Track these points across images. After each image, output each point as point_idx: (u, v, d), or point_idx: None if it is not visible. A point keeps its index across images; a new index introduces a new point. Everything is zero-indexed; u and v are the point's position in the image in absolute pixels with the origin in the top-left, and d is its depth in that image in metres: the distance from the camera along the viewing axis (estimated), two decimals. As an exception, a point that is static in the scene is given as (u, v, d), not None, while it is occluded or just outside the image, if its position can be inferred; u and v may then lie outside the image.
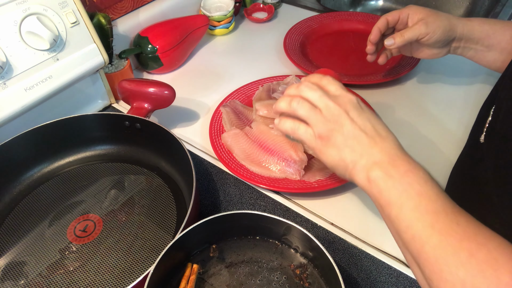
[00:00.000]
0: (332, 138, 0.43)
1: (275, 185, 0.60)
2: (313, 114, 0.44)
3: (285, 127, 0.47)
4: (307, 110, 0.45)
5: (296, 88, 0.47)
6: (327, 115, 0.44)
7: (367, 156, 0.41)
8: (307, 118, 0.45)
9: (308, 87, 0.46)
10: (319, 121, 0.44)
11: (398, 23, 0.67)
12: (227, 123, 0.70)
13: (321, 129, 0.44)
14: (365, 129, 0.43)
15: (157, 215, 0.57)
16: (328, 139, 0.44)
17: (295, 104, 0.45)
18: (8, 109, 0.59)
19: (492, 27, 0.62)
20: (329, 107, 0.44)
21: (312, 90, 0.45)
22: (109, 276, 0.51)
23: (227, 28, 0.98)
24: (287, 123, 0.47)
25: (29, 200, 0.60)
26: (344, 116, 0.43)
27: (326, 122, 0.44)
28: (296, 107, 0.45)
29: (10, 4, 0.57)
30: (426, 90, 0.80)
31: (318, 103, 0.45)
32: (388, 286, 0.50)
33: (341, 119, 0.43)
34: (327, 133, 0.44)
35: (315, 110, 0.44)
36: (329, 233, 0.56)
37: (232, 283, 0.48)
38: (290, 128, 0.47)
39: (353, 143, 0.42)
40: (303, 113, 0.45)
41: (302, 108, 0.45)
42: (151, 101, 0.67)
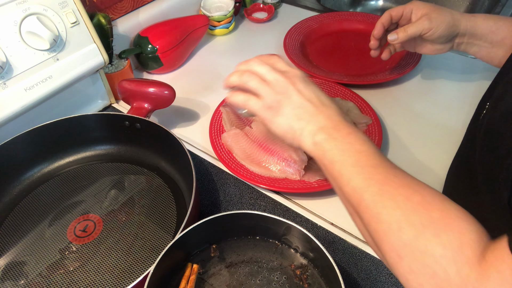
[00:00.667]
0: (281, 108, 0.47)
1: (275, 185, 0.60)
2: (262, 87, 0.48)
3: (237, 100, 0.50)
4: (257, 82, 0.48)
5: (246, 63, 0.50)
6: (276, 87, 0.47)
7: (313, 123, 0.45)
8: (257, 90, 0.48)
9: (257, 63, 0.49)
10: (268, 92, 0.47)
11: (402, 19, 0.68)
12: (227, 123, 0.70)
13: (270, 100, 0.47)
14: (311, 99, 0.46)
15: (157, 215, 0.57)
16: (277, 109, 0.47)
17: (246, 77, 0.49)
18: (8, 109, 0.59)
19: (496, 23, 0.62)
20: (278, 80, 0.47)
21: (262, 65, 0.49)
22: (109, 276, 0.51)
23: (227, 28, 0.98)
24: (239, 96, 0.50)
25: (29, 200, 0.60)
26: (292, 87, 0.47)
27: (275, 94, 0.47)
28: (247, 80, 0.49)
29: (10, 4, 0.57)
30: (426, 89, 0.80)
31: (267, 76, 0.48)
32: (388, 286, 0.50)
33: (289, 90, 0.47)
34: (276, 104, 0.47)
35: (265, 83, 0.48)
36: (329, 233, 0.56)
37: (232, 283, 0.48)
38: (241, 100, 0.50)
39: (300, 112, 0.46)
40: (253, 85, 0.48)
41: (252, 81, 0.48)
42: (151, 101, 0.67)
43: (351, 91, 0.76)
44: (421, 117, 0.74)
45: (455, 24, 0.63)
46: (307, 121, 0.45)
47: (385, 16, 0.68)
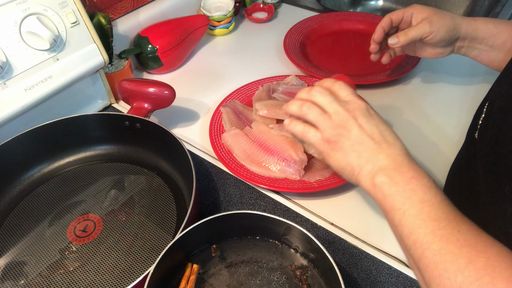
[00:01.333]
0: (339, 143, 0.44)
1: (275, 185, 0.60)
2: (322, 119, 0.45)
3: (295, 130, 0.48)
4: (317, 115, 0.46)
5: (308, 92, 0.48)
6: (336, 120, 0.45)
7: (373, 162, 0.42)
8: (317, 123, 0.46)
9: (319, 92, 0.47)
10: (327, 126, 0.45)
11: (402, 22, 0.67)
12: (227, 123, 0.70)
13: (329, 133, 0.45)
14: (372, 135, 0.43)
15: (157, 215, 0.57)
16: (335, 144, 0.45)
17: (306, 108, 0.47)
18: (8, 109, 0.59)
19: (497, 27, 0.62)
20: (338, 112, 0.45)
21: (323, 95, 0.46)
22: (109, 276, 0.51)
23: (227, 28, 0.98)
24: (298, 126, 0.48)
25: (29, 200, 0.60)
26: (352, 122, 0.44)
27: (334, 127, 0.45)
28: (307, 112, 0.46)
29: (10, 4, 0.57)
30: (426, 90, 0.80)
31: (328, 108, 0.46)
32: (388, 286, 0.50)
33: (349, 124, 0.44)
34: (335, 138, 0.45)
35: (325, 115, 0.45)
36: (329, 233, 0.56)
37: (232, 283, 0.48)
38: (300, 131, 0.48)
39: (360, 149, 0.43)
40: (313, 117, 0.46)
41: (312, 113, 0.46)
42: (151, 101, 0.67)
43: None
44: (421, 118, 0.74)
45: (456, 28, 0.63)
46: (366, 159, 0.43)
47: (385, 20, 0.68)
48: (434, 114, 0.74)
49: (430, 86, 0.81)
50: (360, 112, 0.45)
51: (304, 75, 0.81)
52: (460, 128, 0.71)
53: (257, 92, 0.76)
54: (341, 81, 0.49)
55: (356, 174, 0.44)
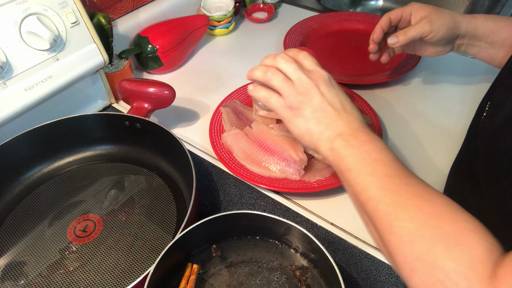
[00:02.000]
0: (301, 109, 0.47)
1: (275, 185, 0.60)
2: (285, 86, 0.47)
3: (259, 95, 0.50)
4: (281, 81, 0.48)
5: (273, 59, 0.50)
6: (299, 87, 0.47)
7: (332, 128, 0.45)
8: (280, 89, 0.48)
9: (284, 59, 0.48)
10: (291, 92, 0.47)
11: (401, 21, 0.67)
12: (227, 123, 0.70)
13: (292, 100, 0.47)
14: (332, 103, 0.46)
15: (157, 215, 0.57)
16: (297, 110, 0.47)
17: (270, 74, 0.48)
18: (8, 109, 0.59)
19: (497, 24, 0.62)
20: (302, 80, 0.47)
21: (288, 62, 0.48)
22: (109, 276, 0.51)
23: (227, 28, 0.98)
24: (261, 91, 0.50)
25: (29, 200, 0.60)
26: (315, 90, 0.46)
27: (297, 94, 0.47)
28: (271, 77, 0.48)
29: (10, 4, 0.57)
30: (427, 89, 0.80)
31: (291, 75, 0.47)
32: (388, 286, 0.50)
33: (311, 92, 0.46)
34: (297, 104, 0.47)
35: (288, 82, 0.47)
36: (329, 233, 0.56)
37: (232, 283, 0.48)
38: (263, 96, 0.50)
39: (320, 115, 0.46)
40: (276, 83, 0.48)
41: (276, 79, 0.48)
42: (151, 101, 0.67)
43: (351, 91, 0.76)
44: (421, 117, 0.74)
45: (455, 26, 0.63)
46: (325, 125, 0.45)
47: (384, 20, 0.67)
48: (435, 113, 0.74)
49: (430, 86, 0.81)
50: (323, 81, 0.47)
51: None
52: (461, 127, 0.71)
53: (257, 92, 0.76)
54: (305, 51, 0.50)
55: (315, 140, 0.46)
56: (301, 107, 0.46)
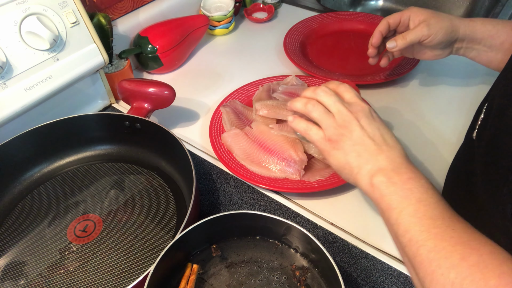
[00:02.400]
0: (340, 142, 0.45)
1: (275, 185, 0.60)
2: (325, 118, 0.46)
3: (299, 127, 0.49)
4: (321, 113, 0.47)
5: (313, 91, 0.49)
6: (339, 120, 0.46)
7: (373, 162, 0.43)
8: (320, 121, 0.47)
9: (324, 92, 0.48)
10: (330, 125, 0.46)
11: (400, 25, 0.67)
12: (227, 123, 0.70)
13: (331, 132, 0.46)
14: (373, 136, 0.45)
15: (157, 215, 0.57)
16: (337, 143, 0.46)
17: (311, 106, 0.47)
18: (8, 109, 0.59)
19: (495, 27, 0.62)
20: (342, 113, 0.46)
21: (328, 95, 0.47)
22: (109, 276, 0.51)
23: (227, 28, 0.98)
24: (301, 123, 0.49)
25: (29, 200, 0.60)
26: (355, 122, 0.45)
27: (337, 127, 0.46)
28: (311, 110, 0.47)
29: (10, 4, 0.57)
30: (426, 90, 0.80)
31: (332, 108, 0.47)
32: (388, 286, 0.50)
33: (351, 125, 0.45)
34: (336, 137, 0.45)
35: (328, 114, 0.46)
36: (329, 233, 0.56)
37: (232, 283, 0.48)
38: (303, 128, 0.49)
39: (360, 149, 0.44)
40: (316, 115, 0.47)
41: (316, 111, 0.47)
42: (151, 101, 0.67)
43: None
44: (421, 117, 0.74)
45: (454, 30, 0.63)
46: (366, 159, 0.44)
47: (382, 24, 0.67)
48: (433, 115, 0.74)
49: (429, 87, 0.81)
50: (363, 114, 0.46)
51: (304, 75, 0.81)
52: (459, 129, 0.71)
53: (257, 92, 0.76)
54: (346, 84, 0.50)
55: (355, 174, 0.44)
56: (340, 140, 0.45)
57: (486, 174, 0.44)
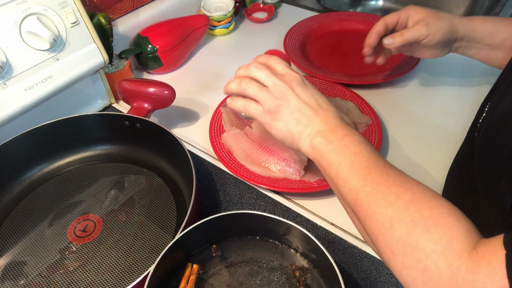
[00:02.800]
0: (279, 113, 0.48)
1: (275, 185, 0.60)
2: (261, 92, 0.48)
3: (237, 106, 0.51)
4: (256, 89, 0.49)
5: (245, 68, 0.51)
6: (274, 92, 0.48)
7: (311, 126, 0.46)
8: (256, 96, 0.49)
9: (256, 67, 0.50)
10: (267, 98, 0.48)
11: (398, 25, 0.67)
12: (227, 123, 0.70)
13: (269, 105, 0.48)
14: (308, 102, 0.47)
15: (157, 215, 0.57)
16: (276, 114, 0.48)
17: (244, 84, 0.50)
18: (8, 109, 0.59)
19: (495, 25, 0.62)
20: (276, 84, 0.48)
21: (260, 69, 0.49)
22: (109, 276, 0.51)
23: (227, 28, 0.98)
24: (239, 101, 0.51)
25: (29, 200, 0.60)
26: (290, 92, 0.47)
27: (273, 99, 0.48)
28: (246, 87, 0.49)
29: (10, 4, 0.57)
30: (426, 90, 0.80)
31: (266, 81, 0.49)
32: (388, 286, 0.50)
33: (287, 95, 0.47)
34: (275, 108, 0.48)
35: (263, 89, 0.48)
36: (329, 233, 0.56)
37: (232, 283, 0.48)
38: (241, 106, 0.51)
39: (299, 116, 0.47)
40: (252, 92, 0.49)
41: (251, 88, 0.49)
42: (151, 101, 0.67)
43: (351, 91, 0.76)
44: (421, 117, 0.74)
45: (453, 30, 0.62)
46: (305, 125, 0.46)
47: (380, 24, 0.67)
48: (435, 113, 0.74)
49: (429, 87, 0.81)
50: (297, 83, 0.48)
51: (304, 75, 0.81)
52: (460, 128, 0.71)
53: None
54: (276, 56, 0.52)
55: (297, 140, 0.47)
56: (279, 110, 0.47)
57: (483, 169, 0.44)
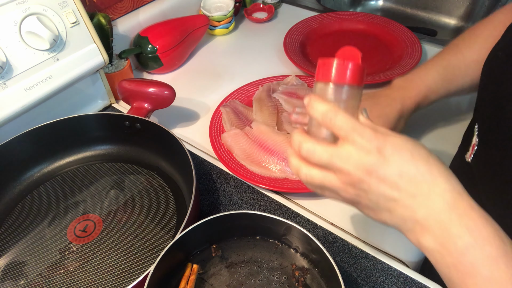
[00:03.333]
0: (361, 204, 0.36)
1: (275, 185, 0.60)
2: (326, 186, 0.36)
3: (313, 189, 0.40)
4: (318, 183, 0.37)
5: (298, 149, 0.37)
6: (343, 179, 0.35)
7: (410, 220, 0.34)
8: (323, 190, 0.38)
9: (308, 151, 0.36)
10: (337, 189, 0.36)
11: None
12: (227, 123, 0.70)
13: (344, 197, 0.36)
14: (397, 185, 0.33)
15: (157, 215, 0.57)
16: (358, 204, 0.36)
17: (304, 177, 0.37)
18: (8, 109, 0.59)
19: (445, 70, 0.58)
20: (342, 172, 0.34)
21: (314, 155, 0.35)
22: (109, 276, 0.51)
23: (227, 28, 0.98)
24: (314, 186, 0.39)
25: (29, 200, 0.60)
26: (364, 178, 0.34)
27: (345, 189, 0.35)
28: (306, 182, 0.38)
29: (10, 4, 0.57)
30: (426, 90, 0.80)
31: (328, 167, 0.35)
32: (388, 286, 0.50)
33: (361, 184, 0.34)
34: (353, 199, 0.36)
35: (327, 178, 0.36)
36: (329, 233, 0.56)
37: (232, 283, 0.48)
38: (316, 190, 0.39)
39: (389, 206, 0.34)
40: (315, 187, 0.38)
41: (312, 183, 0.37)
42: (151, 101, 0.67)
43: None
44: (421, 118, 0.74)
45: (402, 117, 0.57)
46: (400, 217, 0.34)
47: None
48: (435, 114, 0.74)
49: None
50: (373, 159, 0.33)
51: (304, 75, 0.81)
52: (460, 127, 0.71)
53: (257, 92, 0.76)
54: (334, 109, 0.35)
55: (401, 231, 0.36)
56: (359, 201, 0.36)
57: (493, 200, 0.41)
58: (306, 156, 0.36)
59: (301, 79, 0.79)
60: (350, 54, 0.39)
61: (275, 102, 0.74)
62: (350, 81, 0.36)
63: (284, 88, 0.75)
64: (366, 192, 0.34)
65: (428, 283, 0.50)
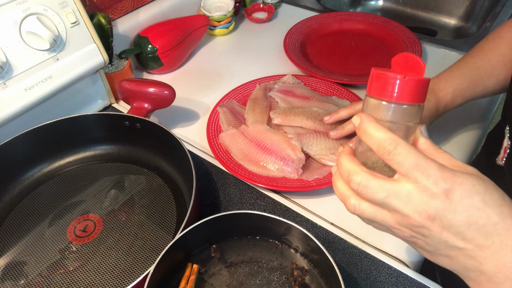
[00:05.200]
0: (418, 245, 0.33)
1: (273, 184, 0.60)
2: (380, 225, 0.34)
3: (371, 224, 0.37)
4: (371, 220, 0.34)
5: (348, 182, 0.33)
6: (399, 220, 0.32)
7: (475, 271, 0.31)
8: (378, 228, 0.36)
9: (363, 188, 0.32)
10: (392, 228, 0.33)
11: None
12: (224, 123, 0.70)
13: (400, 236, 0.34)
14: (461, 232, 0.30)
15: (157, 215, 0.57)
16: (415, 245, 0.33)
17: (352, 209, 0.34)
18: (8, 109, 0.59)
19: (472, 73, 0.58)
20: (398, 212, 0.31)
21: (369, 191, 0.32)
22: (109, 276, 0.51)
23: (227, 28, 0.98)
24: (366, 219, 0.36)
25: (29, 200, 0.60)
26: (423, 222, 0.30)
27: (401, 229, 0.32)
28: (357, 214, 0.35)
29: (10, 4, 0.57)
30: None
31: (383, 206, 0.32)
32: (388, 286, 0.50)
33: (420, 229, 0.31)
34: (410, 240, 0.33)
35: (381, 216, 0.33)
36: (329, 233, 0.56)
37: (232, 283, 0.48)
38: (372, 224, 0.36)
39: (450, 253, 0.31)
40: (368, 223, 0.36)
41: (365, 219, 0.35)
42: (151, 101, 0.67)
43: (351, 91, 0.76)
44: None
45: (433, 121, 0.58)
46: (463, 266, 0.31)
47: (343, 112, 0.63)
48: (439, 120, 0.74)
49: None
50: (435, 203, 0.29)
51: (304, 75, 0.81)
52: (461, 129, 0.71)
53: (253, 92, 0.76)
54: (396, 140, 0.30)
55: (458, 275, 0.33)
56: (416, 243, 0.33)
57: None
58: (357, 191, 0.32)
59: (299, 78, 0.79)
60: (411, 64, 0.32)
61: (271, 101, 0.74)
62: (415, 100, 0.30)
63: (280, 86, 0.75)
64: (425, 237, 0.31)
65: (428, 283, 0.50)
